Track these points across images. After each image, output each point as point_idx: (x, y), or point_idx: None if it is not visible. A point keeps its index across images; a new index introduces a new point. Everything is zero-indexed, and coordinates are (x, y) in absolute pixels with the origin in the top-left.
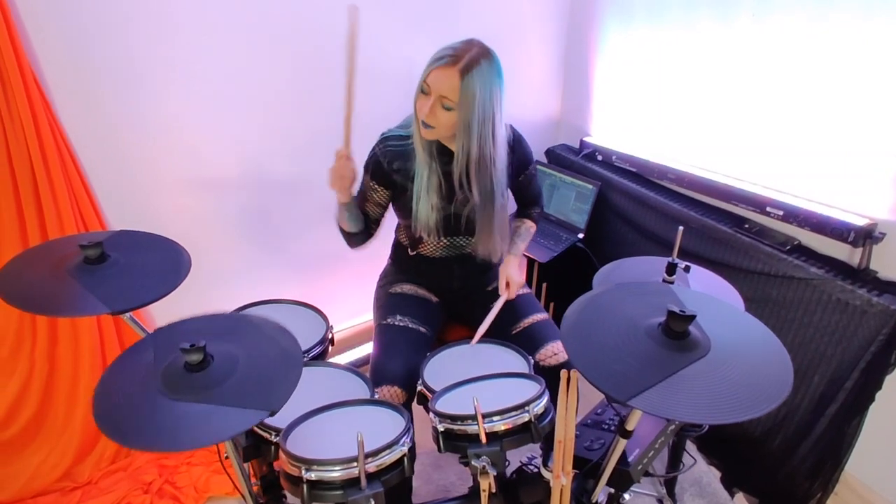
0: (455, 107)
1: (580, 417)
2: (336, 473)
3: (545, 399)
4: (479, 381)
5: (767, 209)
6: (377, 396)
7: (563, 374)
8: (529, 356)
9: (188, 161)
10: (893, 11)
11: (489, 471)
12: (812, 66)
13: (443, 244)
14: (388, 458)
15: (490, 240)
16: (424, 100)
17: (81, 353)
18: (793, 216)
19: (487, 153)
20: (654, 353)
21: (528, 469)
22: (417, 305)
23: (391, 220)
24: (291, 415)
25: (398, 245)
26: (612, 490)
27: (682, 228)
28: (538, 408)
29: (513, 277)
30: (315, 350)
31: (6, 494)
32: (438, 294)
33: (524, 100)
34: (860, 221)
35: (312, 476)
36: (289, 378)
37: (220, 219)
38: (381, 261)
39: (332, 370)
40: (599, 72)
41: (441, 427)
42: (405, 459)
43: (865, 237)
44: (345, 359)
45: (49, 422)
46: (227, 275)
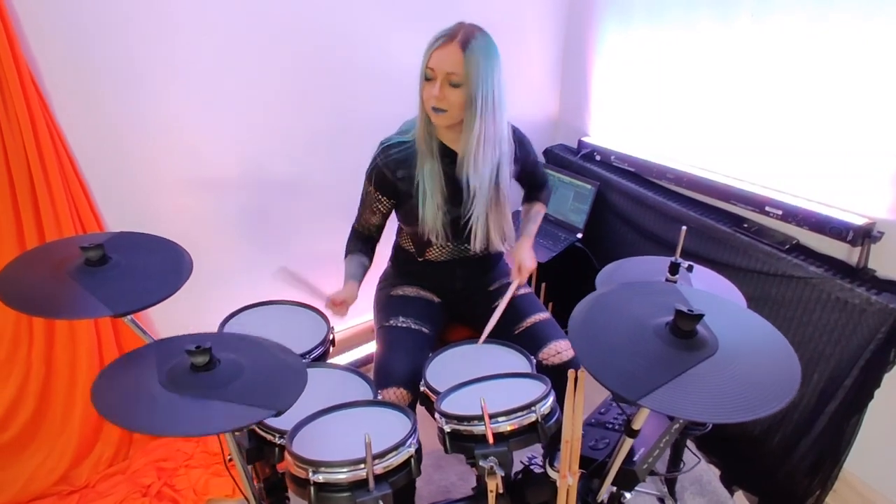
0: (462, 81)
1: (584, 417)
2: (344, 475)
3: (551, 399)
4: (484, 382)
5: (766, 208)
6: (382, 399)
7: (571, 374)
8: (532, 356)
9: (188, 161)
10: (893, 12)
11: (497, 471)
12: (811, 67)
13: (448, 248)
14: (396, 460)
15: (492, 227)
16: (430, 85)
17: (79, 356)
18: (792, 215)
19: (493, 130)
20: (663, 353)
21: (533, 469)
22: (420, 306)
23: (390, 222)
24: (295, 417)
25: (400, 250)
26: (614, 489)
27: (685, 228)
28: (544, 408)
29: (524, 261)
30: (316, 351)
31: (3, 498)
32: (440, 295)
33: (522, 100)
34: (859, 221)
35: (320, 478)
36: (295, 382)
37: (220, 219)
38: (381, 260)
39: (334, 371)
40: (598, 72)
41: (448, 428)
42: (412, 460)
43: (864, 236)
44: (345, 359)
45: (46, 425)
46: (227, 275)
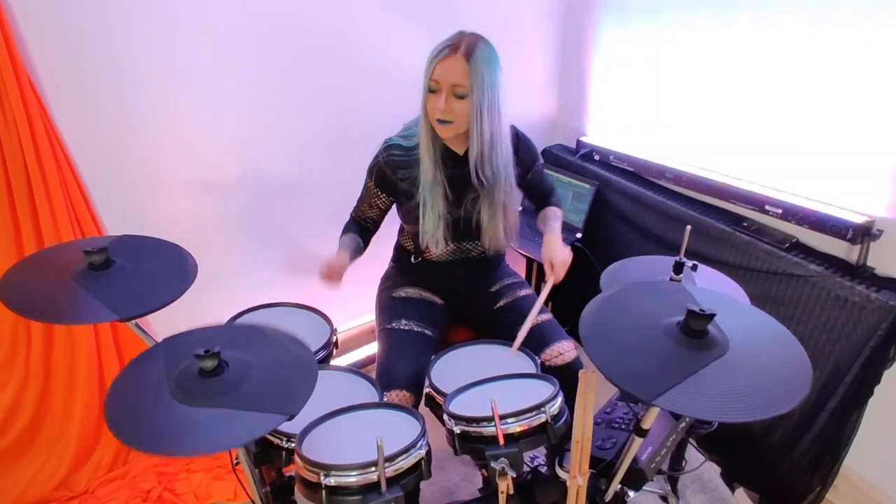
0: (467, 92)
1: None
2: (356, 478)
3: (560, 399)
4: (491, 383)
5: (766, 207)
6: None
7: (582, 375)
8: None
9: (188, 162)
10: (891, 12)
11: (508, 472)
12: (810, 66)
13: (450, 249)
14: (407, 462)
15: (500, 226)
16: (435, 98)
17: (77, 360)
18: (792, 214)
19: (497, 135)
20: (674, 353)
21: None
22: (422, 308)
23: (391, 222)
24: (302, 420)
25: (401, 249)
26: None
27: (690, 228)
28: (554, 408)
29: (556, 258)
30: (320, 354)
31: None
32: (443, 296)
33: (520, 100)
34: (858, 219)
35: (332, 482)
36: (305, 382)
37: (220, 220)
38: (382, 261)
39: (338, 374)
40: (596, 72)
41: (457, 429)
42: (423, 463)
43: (864, 234)
44: (346, 360)
45: (45, 430)
46: (228, 276)
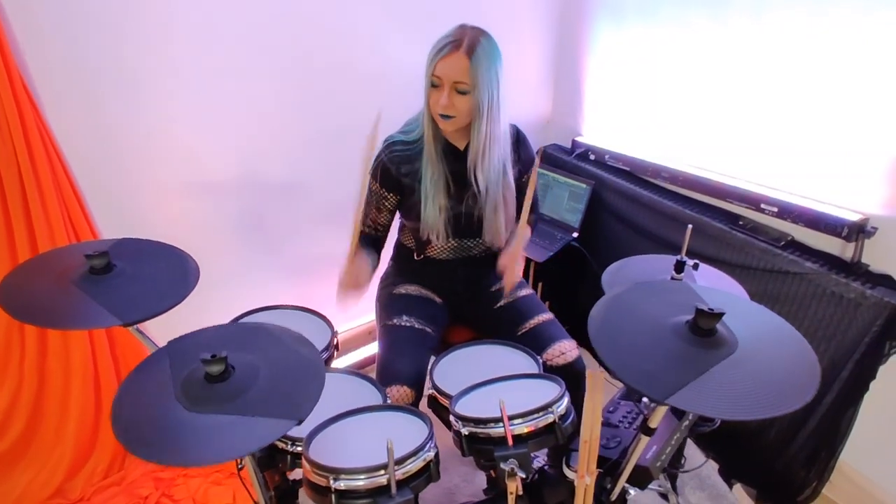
0: (469, 88)
1: None
2: (365, 482)
3: (566, 400)
4: (495, 383)
5: (762, 206)
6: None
7: (590, 375)
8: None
9: (185, 164)
10: (890, 11)
11: (518, 473)
12: (805, 65)
13: (450, 245)
14: (416, 465)
15: (501, 222)
16: (437, 92)
17: (72, 366)
18: (787, 212)
19: (498, 129)
20: (684, 352)
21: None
22: (422, 306)
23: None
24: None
25: (401, 248)
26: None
27: (691, 227)
28: (561, 409)
29: (508, 270)
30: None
31: None
32: (442, 296)
33: (515, 100)
34: (853, 217)
35: (341, 485)
36: (312, 385)
37: (218, 223)
38: (382, 261)
39: (341, 376)
40: (591, 71)
41: (465, 431)
42: (431, 465)
43: (858, 232)
44: (345, 361)
45: (39, 437)
46: (226, 278)
